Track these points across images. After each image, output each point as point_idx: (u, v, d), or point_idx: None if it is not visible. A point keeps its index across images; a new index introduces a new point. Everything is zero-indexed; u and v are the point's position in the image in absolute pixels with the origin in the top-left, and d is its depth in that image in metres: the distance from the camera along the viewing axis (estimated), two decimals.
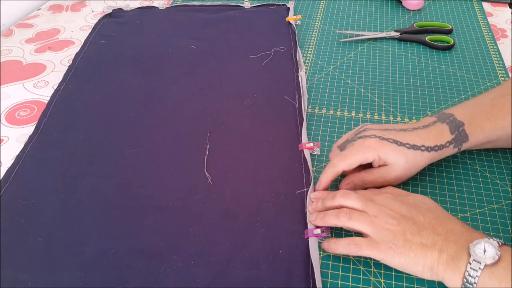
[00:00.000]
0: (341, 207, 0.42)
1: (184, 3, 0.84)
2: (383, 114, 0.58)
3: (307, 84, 0.64)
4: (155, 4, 0.84)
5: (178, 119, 0.57)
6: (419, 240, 0.37)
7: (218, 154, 0.52)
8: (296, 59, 0.67)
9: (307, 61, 0.69)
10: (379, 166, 0.45)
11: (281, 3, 0.82)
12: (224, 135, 0.55)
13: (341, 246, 0.40)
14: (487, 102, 0.48)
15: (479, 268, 0.34)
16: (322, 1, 0.85)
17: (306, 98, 0.60)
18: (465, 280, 0.35)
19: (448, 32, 0.74)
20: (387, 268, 0.40)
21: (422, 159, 0.45)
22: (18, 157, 0.52)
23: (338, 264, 0.41)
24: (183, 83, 0.63)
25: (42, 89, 0.64)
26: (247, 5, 0.82)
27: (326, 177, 0.46)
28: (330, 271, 0.41)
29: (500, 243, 0.36)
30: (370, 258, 0.41)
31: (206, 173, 0.50)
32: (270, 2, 0.82)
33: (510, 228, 0.44)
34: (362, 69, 0.66)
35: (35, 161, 0.52)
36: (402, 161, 0.44)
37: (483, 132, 0.47)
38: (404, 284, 0.40)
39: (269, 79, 0.63)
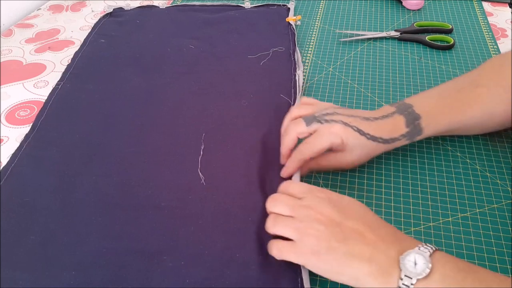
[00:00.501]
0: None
1: (185, 3, 0.84)
2: None
3: (307, 84, 0.64)
4: (156, 3, 0.84)
5: (176, 119, 0.57)
6: (345, 249, 0.35)
7: (214, 154, 0.52)
8: (294, 59, 0.67)
9: (307, 61, 0.69)
10: (337, 151, 0.46)
11: (281, 4, 0.82)
12: (220, 135, 0.54)
13: (270, 249, 0.39)
14: (452, 94, 0.49)
15: (411, 284, 0.32)
16: (322, 1, 0.85)
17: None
18: None
19: (448, 32, 0.74)
20: None
21: (377, 150, 0.47)
22: (14, 156, 0.52)
23: None
24: (181, 83, 0.63)
25: (42, 89, 0.64)
26: (247, 5, 0.81)
27: (293, 164, 0.46)
28: None
29: (432, 250, 0.34)
30: None
31: (200, 173, 0.50)
32: (271, 2, 0.82)
33: (510, 228, 0.44)
34: (362, 69, 0.66)
35: (31, 159, 0.52)
36: (359, 150, 0.46)
37: (438, 126, 0.48)
38: None
39: (267, 79, 0.63)
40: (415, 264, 0.33)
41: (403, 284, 0.32)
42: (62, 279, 0.40)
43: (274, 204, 0.40)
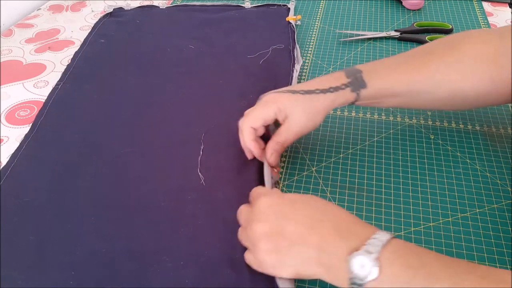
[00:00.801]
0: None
1: (185, 3, 0.84)
2: (382, 114, 0.58)
3: None
4: (156, 3, 0.84)
5: (174, 119, 0.57)
6: (292, 256, 0.34)
7: (213, 154, 0.52)
8: (293, 55, 0.67)
9: (307, 61, 0.69)
10: (285, 120, 0.46)
11: (281, 4, 0.82)
12: (219, 135, 0.54)
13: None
14: (398, 58, 0.48)
15: (360, 286, 0.31)
16: (322, 1, 0.85)
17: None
18: None
19: (448, 32, 0.74)
20: None
21: (319, 102, 0.46)
22: (13, 156, 0.52)
23: None
24: (181, 83, 0.63)
25: (42, 89, 0.64)
26: (247, 5, 0.81)
27: (243, 143, 0.48)
28: None
29: (382, 243, 0.32)
30: None
31: (200, 173, 0.50)
32: (271, 2, 0.82)
33: (510, 228, 0.44)
34: None
35: (30, 160, 0.52)
36: (299, 108, 0.45)
37: (385, 81, 0.46)
38: None
39: (267, 79, 0.63)
40: (362, 266, 0.31)
41: (352, 283, 0.31)
42: (54, 278, 0.40)
43: (239, 214, 0.41)
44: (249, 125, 0.46)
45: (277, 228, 0.35)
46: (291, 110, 0.45)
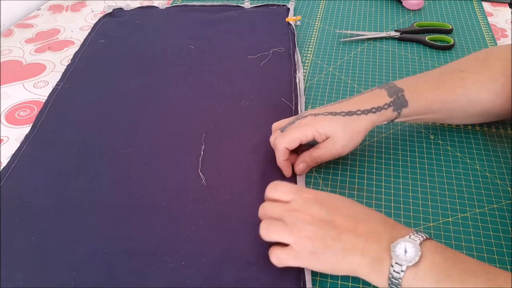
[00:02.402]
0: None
1: (184, 3, 0.84)
2: None
3: (307, 84, 0.64)
4: (155, 4, 0.84)
5: (174, 119, 0.57)
6: (340, 245, 0.36)
7: (213, 154, 0.52)
8: (294, 60, 0.67)
9: (307, 61, 0.69)
10: (324, 141, 0.46)
11: (281, 4, 0.82)
12: (220, 135, 0.54)
13: (270, 258, 0.39)
14: (433, 76, 0.49)
15: (401, 271, 0.33)
16: (322, 1, 0.85)
17: (304, 101, 0.59)
18: (390, 282, 0.34)
19: (448, 32, 0.74)
20: None
21: (360, 123, 0.46)
22: (14, 156, 0.52)
23: None
24: (181, 83, 0.63)
25: (42, 89, 0.64)
26: (247, 5, 0.81)
27: (279, 161, 0.48)
28: None
29: (423, 239, 0.34)
30: None
31: (201, 173, 0.50)
32: (270, 3, 0.82)
33: (510, 228, 0.44)
34: (362, 69, 0.66)
35: (31, 160, 0.52)
36: (340, 129, 0.45)
37: (423, 99, 0.47)
38: None
39: (267, 80, 0.63)
40: (406, 252, 0.33)
41: (393, 271, 0.33)
42: (55, 278, 0.40)
43: (264, 212, 0.41)
44: (285, 146, 0.47)
45: (326, 218, 0.37)
46: (332, 132, 0.45)
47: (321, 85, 0.64)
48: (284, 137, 0.47)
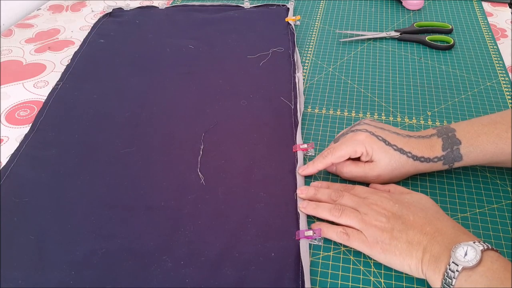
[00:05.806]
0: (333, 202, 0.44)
1: (184, 3, 0.84)
2: (383, 114, 0.58)
3: (307, 84, 0.64)
4: (155, 4, 0.84)
5: (174, 119, 0.57)
6: (406, 238, 0.38)
7: (212, 154, 0.52)
8: (293, 60, 0.67)
9: (307, 61, 0.69)
10: (366, 162, 0.46)
11: (281, 4, 0.82)
12: (219, 135, 0.54)
13: (332, 232, 0.42)
14: (488, 127, 0.45)
15: (457, 271, 0.34)
16: (322, 1, 0.85)
17: (303, 100, 0.59)
18: (443, 281, 0.35)
19: (448, 32, 0.74)
20: (387, 268, 0.40)
21: (406, 165, 0.45)
22: (13, 156, 0.52)
23: (338, 264, 0.41)
24: (180, 83, 0.63)
25: (42, 89, 0.64)
26: (247, 5, 0.81)
27: (315, 166, 0.48)
28: (330, 271, 0.41)
29: (485, 248, 0.35)
30: (370, 258, 0.41)
31: (200, 173, 0.50)
32: (270, 3, 0.82)
33: (510, 228, 0.44)
34: (362, 69, 0.66)
35: (30, 160, 0.52)
36: (386, 160, 0.45)
37: (476, 154, 0.45)
38: (404, 284, 0.40)
39: (266, 80, 0.63)
40: (465, 254, 0.34)
41: (449, 269, 0.34)
42: (54, 278, 0.40)
43: (341, 196, 0.43)
44: (332, 161, 0.47)
45: (397, 213, 0.40)
46: (378, 157, 0.45)
47: (321, 85, 0.64)
48: (335, 152, 0.46)
